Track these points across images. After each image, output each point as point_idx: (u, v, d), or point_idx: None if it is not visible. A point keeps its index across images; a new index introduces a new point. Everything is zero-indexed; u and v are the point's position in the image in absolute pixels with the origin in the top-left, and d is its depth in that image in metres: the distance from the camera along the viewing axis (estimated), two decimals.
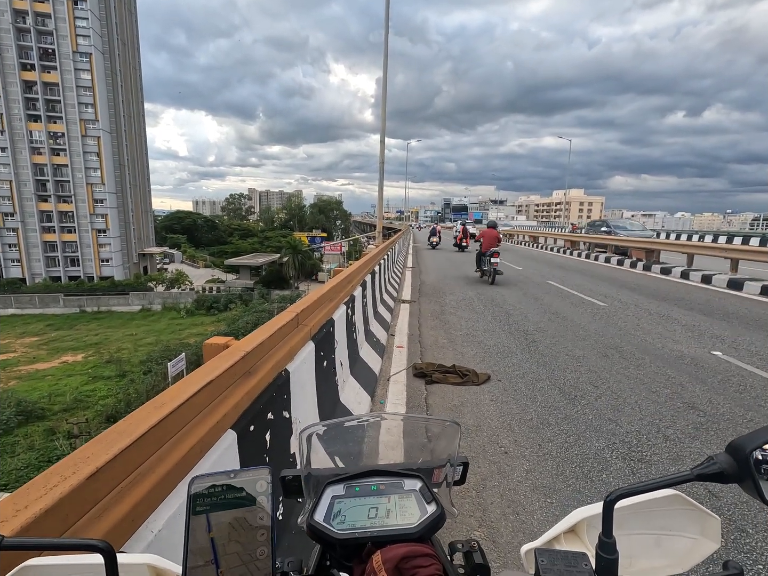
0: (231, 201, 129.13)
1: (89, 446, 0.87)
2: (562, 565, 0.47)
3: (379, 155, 11.07)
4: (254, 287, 52.48)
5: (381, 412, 1.47)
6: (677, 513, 0.58)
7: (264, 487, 0.45)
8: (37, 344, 36.30)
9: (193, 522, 0.43)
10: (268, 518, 0.44)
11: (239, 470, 0.46)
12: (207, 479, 0.44)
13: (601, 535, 0.48)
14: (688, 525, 0.57)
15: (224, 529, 0.43)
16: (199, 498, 0.43)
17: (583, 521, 0.58)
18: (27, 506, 0.68)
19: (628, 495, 0.48)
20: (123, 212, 56.72)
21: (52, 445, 20.18)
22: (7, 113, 48.78)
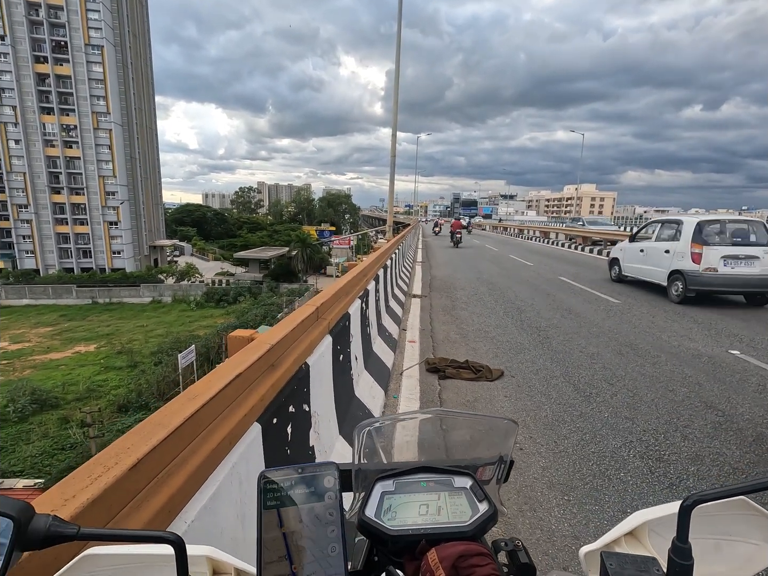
0: (240, 194, 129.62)
1: (129, 437, 0.87)
2: (632, 569, 0.46)
3: (390, 149, 11.02)
4: (263, 280, 52.77)
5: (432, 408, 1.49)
6: (741, 518, 0.56)
7: (332, 482, 0.45)
8: (51, 334, 36.94)
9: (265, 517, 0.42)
10: (337, 514, 0.44)
11: (307, 465, 0.46)
12: (276, 474, 0.44)
13: (676, 540, 0.46)
14: (752, 531, 0.55)
15: (295, 524, 0.43)
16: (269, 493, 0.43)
17: (644, 524, 0.57)
18: (74, 495, 0.68)
19: (706, 500, 0.47)
20: (134, 205, 57.23)
21: (66, 433, 20.60)
22: (20, 106, 49.32)
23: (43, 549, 0.37)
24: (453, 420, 0.74)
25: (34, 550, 0.37)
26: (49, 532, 0.38)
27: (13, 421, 21.57)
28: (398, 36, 11.45)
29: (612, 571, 0.47)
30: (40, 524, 0.37)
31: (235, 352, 1.55)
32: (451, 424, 0.74)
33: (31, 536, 0.37)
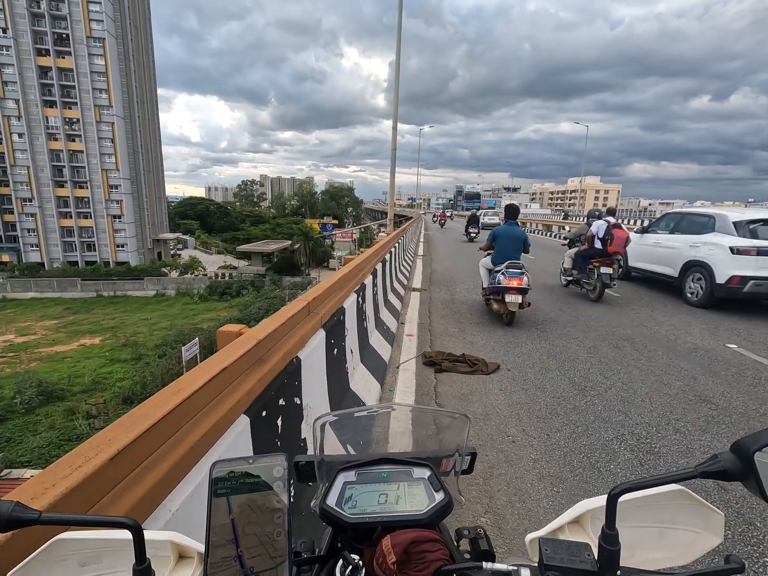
0: (243, 187, 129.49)
1: (111, 429, 0.91)
2: (566, 554, 0.49)
3: (391, 142, 10.98)
4: (266, 274, 52.88)
5: (391, 403, 1.52)
6: (681, 507, 0.59)
7: (280, 473, 0.48)
8: (56, 327, 37.28)
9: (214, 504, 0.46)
10: (283, 503, 0.47)
11: (257, 456, 0.48)
12: (227, 464, 0.47)
13: (604, 527, 0.50)
14: (692, 519, 0.59)
15: (243, 511, 0.46)
16: (220, 482, 0.46)
17: (587, 513, 0.60)
18: (54, 485, 0.72)
19: (631, 490, 0.50)
20: (137, 198, 57.31)
21: (72, 424, 20.89)
22: (23, 99, 49.31)
23: (7, 533, 0.42)
24: (412, 414, 0.78)
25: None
26: (11, 516, 0.42)
27: (20, 413, 21.87)
28: (398, 27, 11.35)
29: (546, 555, 0.50)
30: (2, 509, 0.42)
31: (224, 347, 1.58)
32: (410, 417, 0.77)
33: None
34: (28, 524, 0.42)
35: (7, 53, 48.27)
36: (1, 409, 21.34)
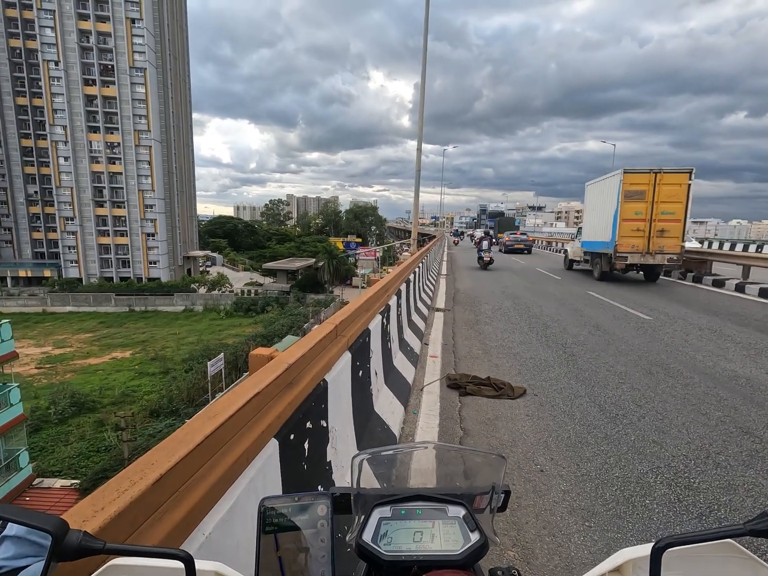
0: (270, 207, 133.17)
1: (153, 453, 0.95)
2: None
3: (415, 163, 11.15)
4: (290, 291, 53.71)
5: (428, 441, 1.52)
6: (728, 561, 0.57)
7: (324, 511, 0.50)
8: (90, 340, 38.76)
9: (263, 540, 0.48)
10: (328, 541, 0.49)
11: (303, 494, 0.51)
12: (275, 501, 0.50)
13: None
14: (741, 573, 0.56)
15: (290, 549, 0.49)
16: (268, 519, 0.49)
17: (629, 562, 0.59)
18: (103, 508, 0.76)
19: (678, 544, 0.49)
20: (170, 217, 59.71)
21: (101, 436, 21.46)
22: (70, 125, 52.72)
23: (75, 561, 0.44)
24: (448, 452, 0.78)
25: (67, 561, 0.44)
26: (81, 546, 0.45)
27: (54, 423, 22.66)
28: (424, 50, 11.63)
29: None
30: (73, 539, 0.45)
31: (256, 370, 1.63)
32: (446, 455, 0.78)
33: (66, 549, 0.44)
34: (94, 553, 0.44)
35: (57, 84, 51.97)
36: (37, 418, 22.12)
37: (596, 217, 14.58)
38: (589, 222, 15.50)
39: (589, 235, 15.29)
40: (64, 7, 50.66)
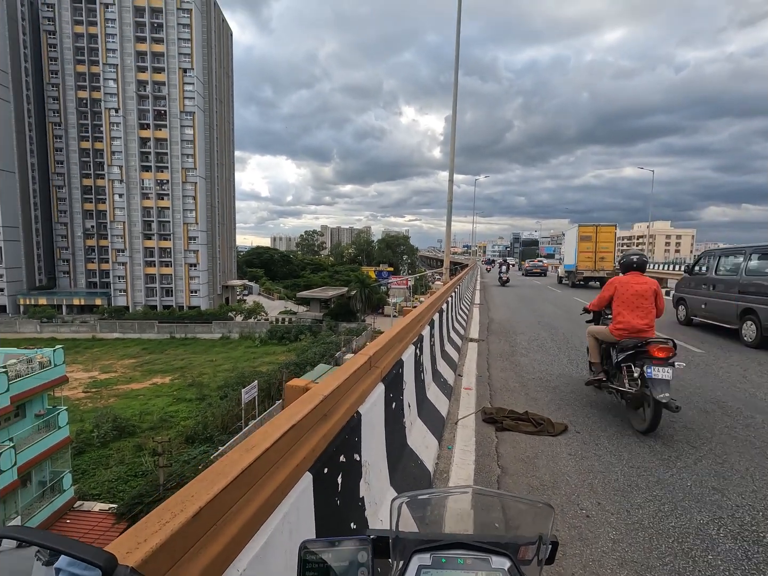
0: (305, 237, 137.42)
1: (193, 485, 0.97)
2: None
3: (447, 194, 11.27)
4: (323, 319, 54.36)
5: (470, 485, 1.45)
6: None
7: (365, 558, 0.49)
8: (134, 366, 40.43)
9: None
10: None
11: (343, 539, 0.50)
12: (315, 545, 0.49)
13: None
14: None
15: None
16: (309, 564, 0.48)
17: None
18: (146, 540, 0.77)
19: None
20: (211, 248, 62.70)
21: (139, 460, 21.97)
22: (125, 165, 57.26)
23: None
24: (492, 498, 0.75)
25: None
26: None
27: (96, 446, 23.46)
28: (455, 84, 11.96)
29: None
30: (120, 574, 0.46)
31: (291, 401, 1.64)
32: (488, 500, 0.74)
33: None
34: None
35: (116, 129, 56.94)
36: (81, 441, 22.97)
37: (568, 250, 23.60)
38: (566, 253, 25.14)
39: (566, 261, 24.53)
40: (125, 61, 56.13)
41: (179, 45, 56.41)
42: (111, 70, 56.38)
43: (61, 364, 16.75)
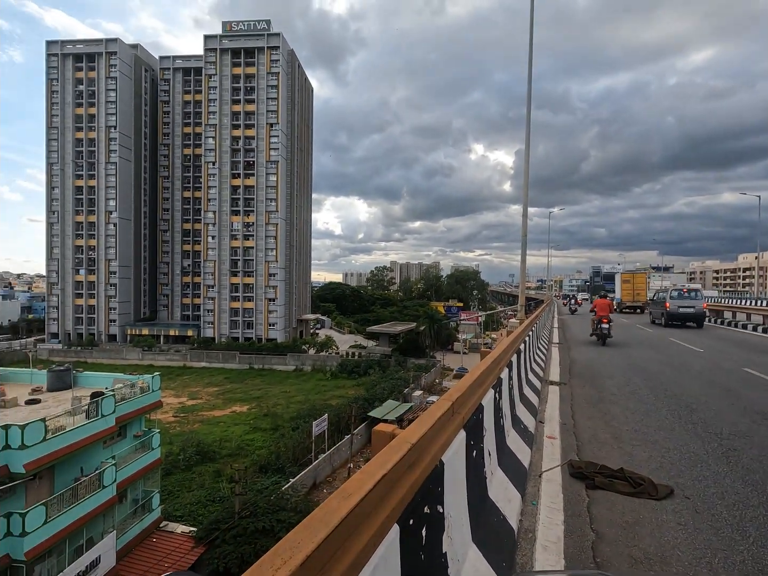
0: (375, 273, 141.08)
1: (299, 531, 1.00)
2: None
3: (521, 228, 11.00)
4: (392, 354, 54.39)
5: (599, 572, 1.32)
6: None
7: None
8: (217, 393, 43.30)
9: None
10: None
11: None
12: None
13: None
14: None
15: None
16: None
17: None
18: None
19: None
20: (288, 284, 66.78)
21: (217, 486, 23.04)
22: (218, 210, 64.06)
23: None
24: None
25: None
26: None
27: (181, 469, 25.09)
28: (528, 120, 11.92)
29: None
30: None
31: (379, 447, 1.65)
32: None
33: None
34: None
35: (212, 179, 64.40)
36: (168, 463, 24.71)
37: (617, 287, 36.48)
38: (616, 289, 37.00)
39: (617, 295, 35.20)
40: (222, 121, 64.03)
41: (267, 104, 63.28)
42: (211, 130, 64.52)
43: (158, 390, 18.43)
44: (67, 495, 12.85)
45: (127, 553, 15.69)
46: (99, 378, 18.07)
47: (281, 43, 63.11)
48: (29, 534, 11.42)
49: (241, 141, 63.89)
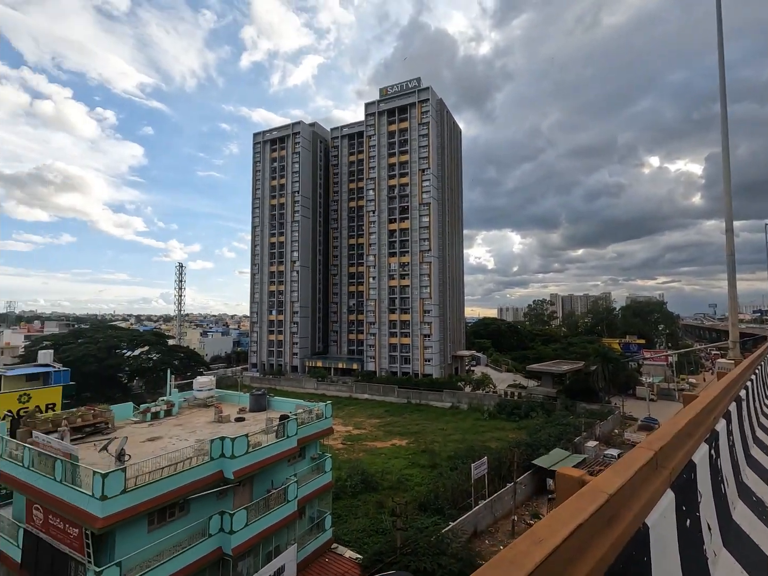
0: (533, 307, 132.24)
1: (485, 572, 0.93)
2: None
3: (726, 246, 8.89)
4: (557, 396, 49.22)
5: None
6: None
7: None
8: (378, 425, 45.65)
9: None
10: None
11: None
12: None
13: None
14: None
15: None
16: None
17: None
18: None
19: None
20: (442, 320, 67.81)
21: (380, 517, 23.78)
22: (378, 253, 70.21)
23: None
24: None
25: None
26: None
27: (348, 495, 26.82)
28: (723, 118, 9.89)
29: None
30: None
31: (564, 492, 1.46)
32: None
33: None
34: None
35: (372, 226, 71.40)
36: (337, 488, 26.72)
37: None
38: None
39: None
40: (381, 174, 71.23)
41: (419, 152, 68.06)
42: (371, 183, 72.35)
43: (330, 417, 20.47)
44: (261, 504, 15.00)
45: (305, 567, 17.24)
46: (285, 403, 21.05)
47: (430, 95, 67.95)
48: (236, 533, 13.61)
49: (396, 189, 69.75)
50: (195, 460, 13.17)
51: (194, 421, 18.48)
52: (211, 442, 13.68)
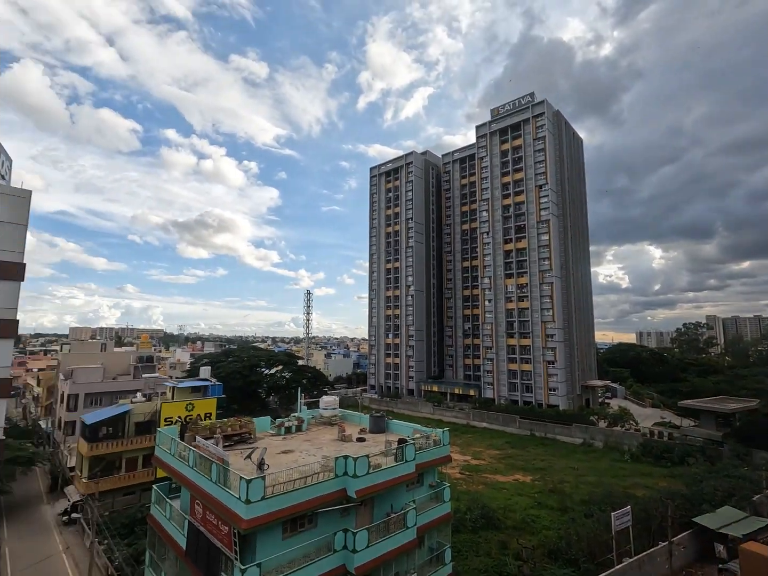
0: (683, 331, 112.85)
1: None
2: None
3: None
4: (723, 441, 40.52)
5: None
6: None
7: None
8: (498, 457, 42.97)
9: None
10: None
11: None
12: None
13: None
14: None
15: None
16: None
17: None
18: None
19: None
20: (568, 346, 61.83)
21: (503, 560, 22.02)
22: (493, 275, 67.88)
23: None
24: None
25: None
26: None
27: (468, 530, 25.50)
28: None
29: None
30: None
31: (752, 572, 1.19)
32: None
33: None
34: None
35: (487, 247, 69.57)
36: (456, 520, 25.60)
37: None
38: None
39: None
40: (494, 194, 69.61)
41: (535, 168, 64.87)
42: (484, 204, 71.10)
43: (447, 445, 19.96)
44: (382, 526, 15.16)
45: None
46: (402, 426, 21.24)
47: (545, 108, 64.82)
48: (358, 552, 13.96)
49: (511, 208, 67.22)
50: (321, 475, 14.02)
51: (320, 438, 19.78)
52: (335, 460, 14.44)
